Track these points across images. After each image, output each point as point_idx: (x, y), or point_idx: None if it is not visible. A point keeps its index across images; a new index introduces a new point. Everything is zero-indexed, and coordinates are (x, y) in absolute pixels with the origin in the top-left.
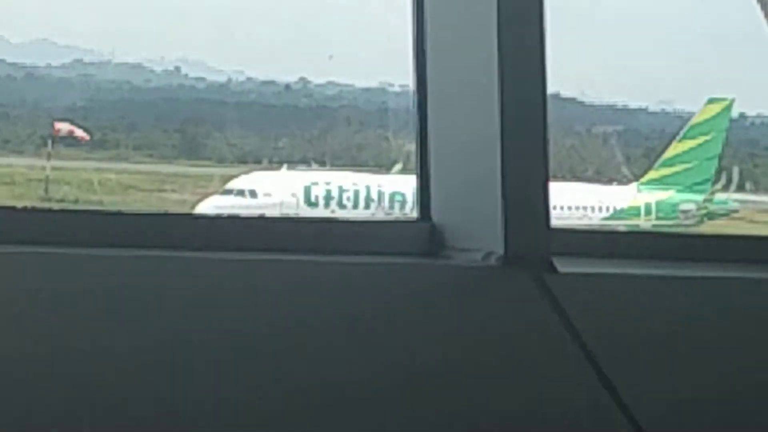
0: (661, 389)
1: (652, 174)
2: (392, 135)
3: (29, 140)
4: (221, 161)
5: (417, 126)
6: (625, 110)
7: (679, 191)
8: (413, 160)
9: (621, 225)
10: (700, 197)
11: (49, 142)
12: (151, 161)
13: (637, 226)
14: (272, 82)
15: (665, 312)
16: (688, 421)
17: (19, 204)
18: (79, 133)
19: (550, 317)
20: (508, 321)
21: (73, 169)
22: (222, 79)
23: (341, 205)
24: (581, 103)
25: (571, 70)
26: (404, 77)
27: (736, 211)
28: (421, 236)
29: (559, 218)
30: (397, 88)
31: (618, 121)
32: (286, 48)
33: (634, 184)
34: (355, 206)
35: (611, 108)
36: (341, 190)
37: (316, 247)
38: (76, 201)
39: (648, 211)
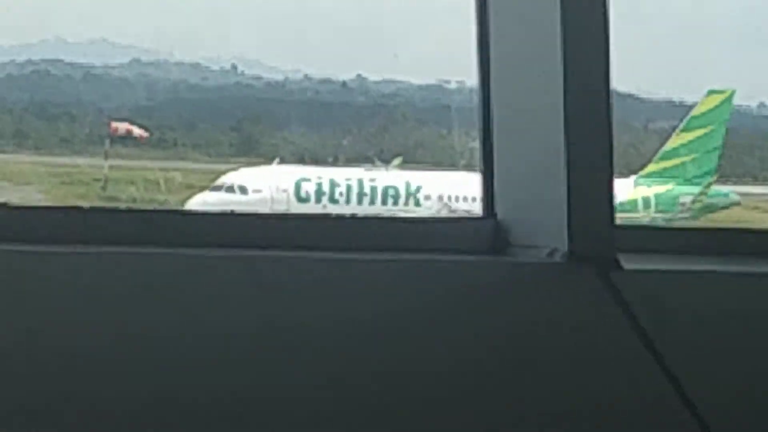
0: (726, 385)
1: (651, 167)
2: (450, 132)
3: (87, 140)
4: (281, 156)
5: (480, 123)
6: (682, 105)
7: (679, 184)
8: (472, 156)
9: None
10: (703, 190)
11: (107, 141)
12: (209, 160)
13: (637, 219)
14: (329, 80)
15: (730, 308)
16: (753, 416)
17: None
18: (138, 132)
19: (615, 314)
20: (573, 318)
21: (132, 169)
22: (279, 77)
23: (333, 201)
24: (638, 99)
25: (628, 65)
26: (461, 73)
27: (737, 203)
28: (485, 233)
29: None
30: (453, 85)
31: (675, 116)
32: (343, 46)
33: (632, 178)
34: (348, 201)
35: (668, 103)
36: (333, 185)
37: (380, 245)
38: (137, 200)
39: (647, 205)
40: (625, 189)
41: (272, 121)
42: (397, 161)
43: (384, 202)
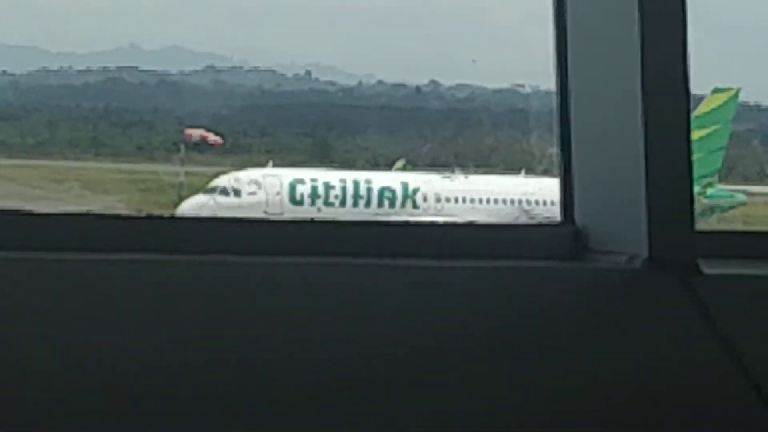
0: None
1: None
2: (525, 136)
3: (163, 147)
4: (352, 165)
5: (559, 128)
6: (758, 108)
7: (700, 185)
8: (547, 161)
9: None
10: (707, 191)
11: (182, 148)
12: (283, 165)
13: None
14: (403, 85)
15: None
16: None
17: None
18: (213, 138)
19: (697, 320)
20: (653, 324)
21: (208, 175)
22: (352, 82)
23: (328, 203)
24: None
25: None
26: (535, 78)
27: (743, 203)
28: (564, 239)
29: (549, 213)
30: (528, 89)
31: (753, 119)
32: (416, 51)
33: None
34: (343, 204)
35: (742, 106)
36: (327, 188)
37: (457, 252)
38: None
39: None
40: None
41: (346, 126)
42: (400, 163)
43: (380, 204)
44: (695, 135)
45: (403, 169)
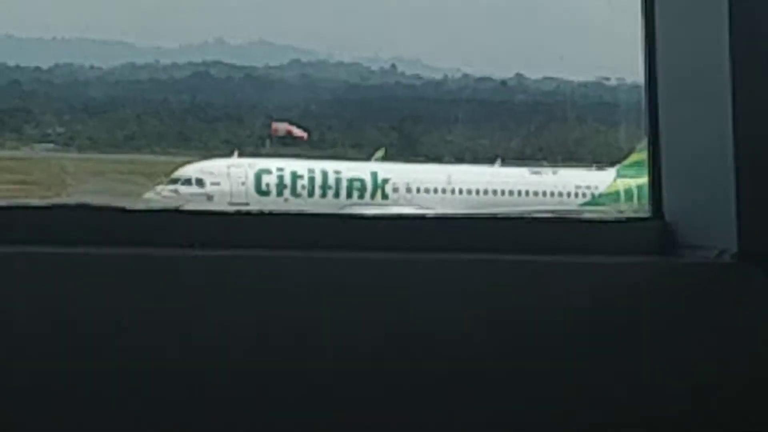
0: None
1: (634, 156)
2: (611, 129)
3: (249, 141)
4: (439, 158)
5: (647, 123)
6: None
7: None
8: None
9: (599, 209)
10: None
11: (268, 142)
12: (366, 157)
13: (620, 211)
14: (488, 78)
15: None
16: None
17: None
18: (298, 132)
19: None
20: (745, 318)
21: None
22: (438, 76)
23: (295, 194)
24: None
25: None
26: (620, 71)
27: None
28: (653, 234)
29: (541, 205)
30: (614, 82)
31: None
32: (501, 44)
33: (614, 168)
34: (311, 194)
35: None
36: (294, 177)
37: (549, 246)
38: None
39: (629, 196)
40: (605, 180)
41: (432, 120)
42: (379, 153)
43: (349, 195)
44: None
45: (383, 159)
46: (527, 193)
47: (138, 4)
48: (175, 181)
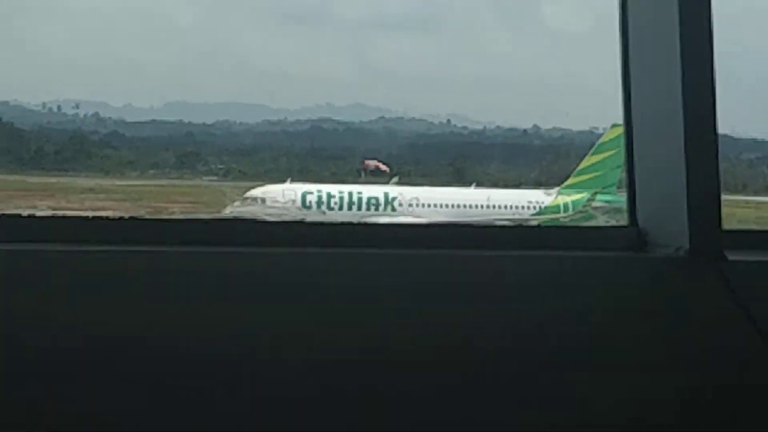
0: None
1: (570, 180)
2: None
3: (348, 173)
4: (481, 185)
5: (626, 158)
6: (765, 142)
7: (590, 192)
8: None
9: (544, 218)
10: (608, 197)
11: (362, 173)
12: (431, 185)
13: (558, 219)
14: (514, 129)
15: None
16: None
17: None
18: (383, 167)
19: (725, 297)
20: (693, 295)
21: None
22: (479, 127)
23: (330, 208)
24: (731, 137)
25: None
26: (606, 123)
27: None
28: (631, 237)
29: (501, 215)
30: (601, 131)
31: (759, 150)
32: (523, 104)
33: (557, 188)
34: (340, 208)
35: (754, 140)
36: (329, 197)
37: (547, 245)
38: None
39: (566, 208)
40: (551, 197)
41: (476, 159)
42: (395, 179)
43: (368, 209)
44: (599, 158)
45: (397, 183)
46: (491, 206)
47: (272, 79)
48: (246, 200)
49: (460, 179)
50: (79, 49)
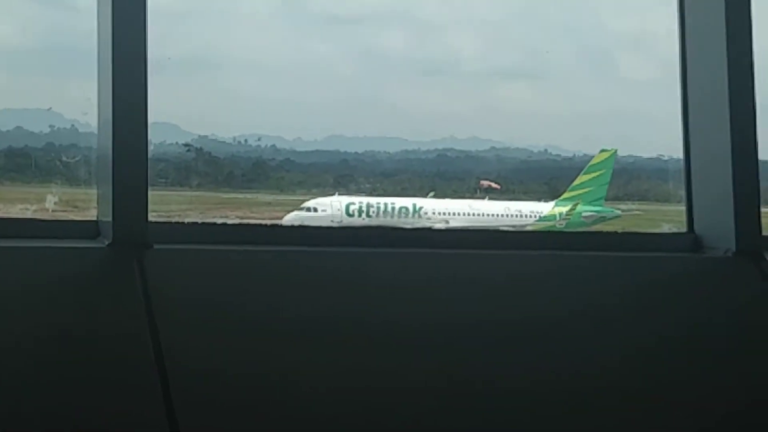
0: None
1: (565, 195)
2: (665, 183)
3: (467, 191)
4: (571, 200)
5: (684, 175)
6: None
7: (582, 204)
8: (678, 196)
9: (543, 225)
10: (597, 208)
11: (478, 191)
12: (531, 200)
13: (553, 225)
14: (590, 156)
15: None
16: None
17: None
18: (494, 185)
19: (765, 289)
20: (738, 291)
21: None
22: (570, 155)
23: (368, 215)
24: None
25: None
26: (670, 152)
27: (619, 216)
28: (688, 241)
29: (508, 221)
30: (666, 157)
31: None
32: (606, 137)
33: (554, 201)
34: (378, 216)
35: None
36: (368, 206)
37: (624, 247)
38: None
39: (560, 216)
40: (549, 208)
41: (566, 179)
42: (432, 194)
43: (399, 216)
44: (590, 176)
45: (434, 196)
46: (499, 215)
47: (410, 118)
48: (302, 208)
49: (554, 195)
50: (262, 94)
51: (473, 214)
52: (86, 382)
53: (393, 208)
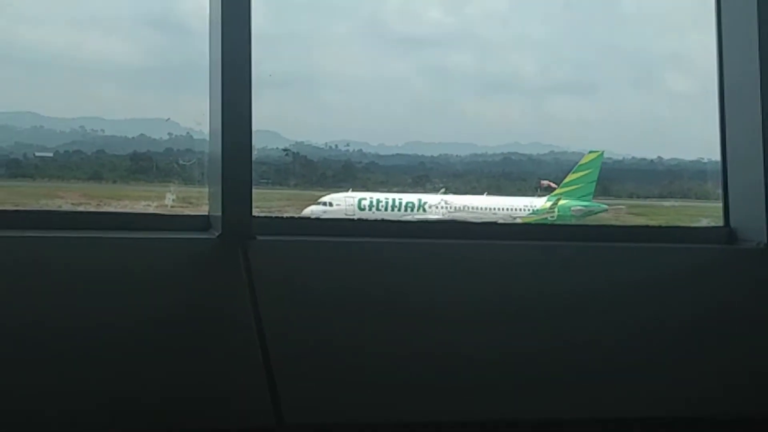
0: None
1: (557, 191)
2: (704, 183)
3: (528, 190)
4: (619, 197)
5: (722, 175)
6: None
7: (572, 200)
8: (716, 193)
9: (534, 217)
10: (585, 203)
11: (538, 190)
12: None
13: (546, 219)
14: (644, 159)
15: None
16: None
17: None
18: (553, 185)
19: None
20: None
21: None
22: (620, 158)
23: (378, 209)
24: None
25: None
26: (709, 154)
27: (605, 210)
28: (724, 234)
29: (503, 215)
30: (706, 159)
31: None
32: (650, 140)
33: (546, 196)
34: (386, 210)
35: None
36: (378, 201)
37: (665, 240)
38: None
39: (546, 211)
40: (540, 202)
41: (616, 179)
42: (443, 190)
43: (406, 210)
44: (579, 174)
45: (444, 193)
46: (494, 209)
47: (478, 126)
48: (319, 203)
49: (606, 194)
50: (350, 105)
51: (471, 209)
52: (197, 354)
53: (400, 203)
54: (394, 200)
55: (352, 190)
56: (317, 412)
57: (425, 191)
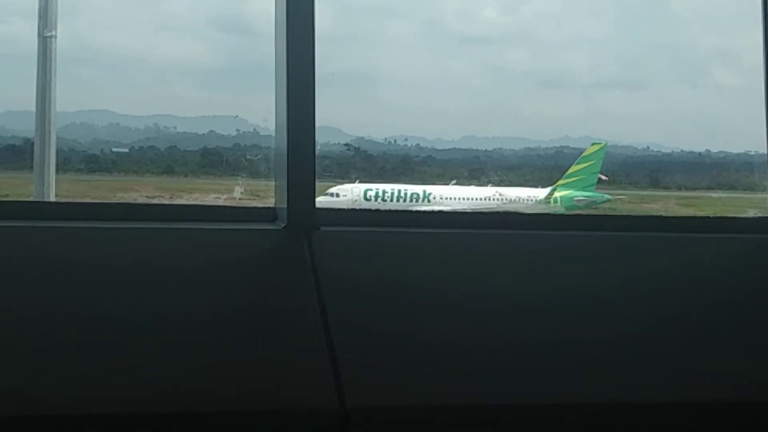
0: None
1: (561, 182)
2: (751, 175)
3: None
4: (668, 188)
5: None
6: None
7: (575, 190)
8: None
9: (540, 207)
10: (588, 193)
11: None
12: (632, 189)
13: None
14: (692, 152)
15: None
16: None
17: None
18: (604, 177)
19: None
20: None
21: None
22: (669, 151)
23: (383, 200)
24: None
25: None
26: (756, 147)
27: (609, 200)
28: (765, 224)
29: (510, 204)
30: (752, 152)
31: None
32: (699, 134)
33: (550, 187)
34: (392, 200)
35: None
36: (383, 192)
37: (709, 230)
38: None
39: (556, 201)
40: (543, 193)
41: (666, 172)
42: (454, 181)
43: (411, 201)
44: (582, 166)
45: (456, 184)
46: (498, 199)
47: (531, 122)
48: (327, 194)
49: (656, 186)
50: (408, 102)
51: (474, 199)
52: (262, 344)
53: (405, 194)
54: (399, 191)
55: (359, 182)
56: (378, 395)
57: (479, 184)
